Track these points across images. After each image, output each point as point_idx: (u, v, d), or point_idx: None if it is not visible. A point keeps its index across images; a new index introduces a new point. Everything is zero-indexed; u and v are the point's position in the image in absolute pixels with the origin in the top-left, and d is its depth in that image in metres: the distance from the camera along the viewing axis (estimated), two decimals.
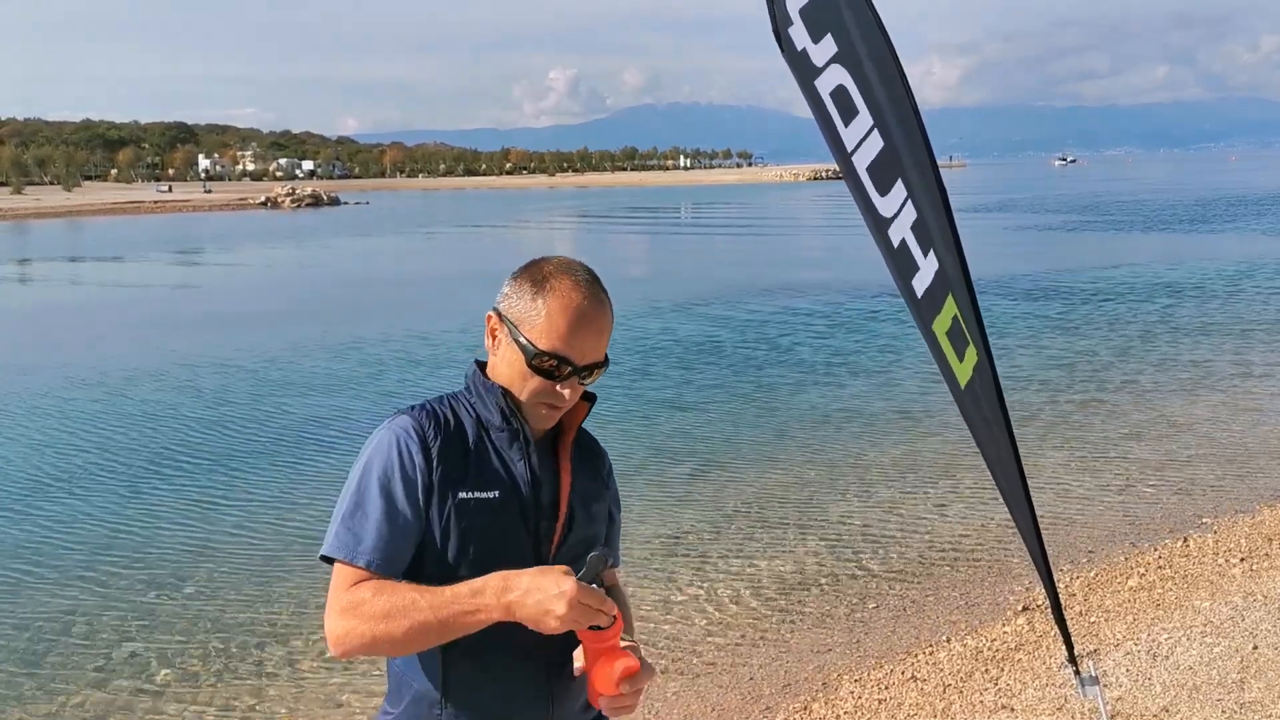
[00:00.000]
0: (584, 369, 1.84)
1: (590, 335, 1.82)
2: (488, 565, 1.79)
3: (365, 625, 1.70)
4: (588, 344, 1.82)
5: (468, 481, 1.82)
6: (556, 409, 1.87)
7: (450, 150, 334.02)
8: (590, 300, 1.83)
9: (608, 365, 1.89)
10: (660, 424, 11.26)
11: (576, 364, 1.82)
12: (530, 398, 1.85)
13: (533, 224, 64.07)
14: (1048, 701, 4.81)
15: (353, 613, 1.71)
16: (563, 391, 1.83)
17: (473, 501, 1.81)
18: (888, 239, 2.84)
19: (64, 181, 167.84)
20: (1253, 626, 5.46)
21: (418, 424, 1.84)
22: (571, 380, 1.83)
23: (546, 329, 1.81)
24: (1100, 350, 14.81)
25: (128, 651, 6.10)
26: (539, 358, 1.81)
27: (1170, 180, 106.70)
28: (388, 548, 1.78)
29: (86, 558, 7.67)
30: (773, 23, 2.73)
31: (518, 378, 1.85)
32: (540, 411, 1.87)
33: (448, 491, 1.81)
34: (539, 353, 1.81)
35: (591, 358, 1.84)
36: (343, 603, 1.74)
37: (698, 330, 17.89)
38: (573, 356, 1.82)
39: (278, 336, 18.09)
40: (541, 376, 1.83)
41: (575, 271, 1.86)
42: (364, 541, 1.77)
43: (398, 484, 1.79)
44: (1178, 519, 7.68)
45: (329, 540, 1.81)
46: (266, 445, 10.79)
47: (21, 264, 39.89)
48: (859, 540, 7.53)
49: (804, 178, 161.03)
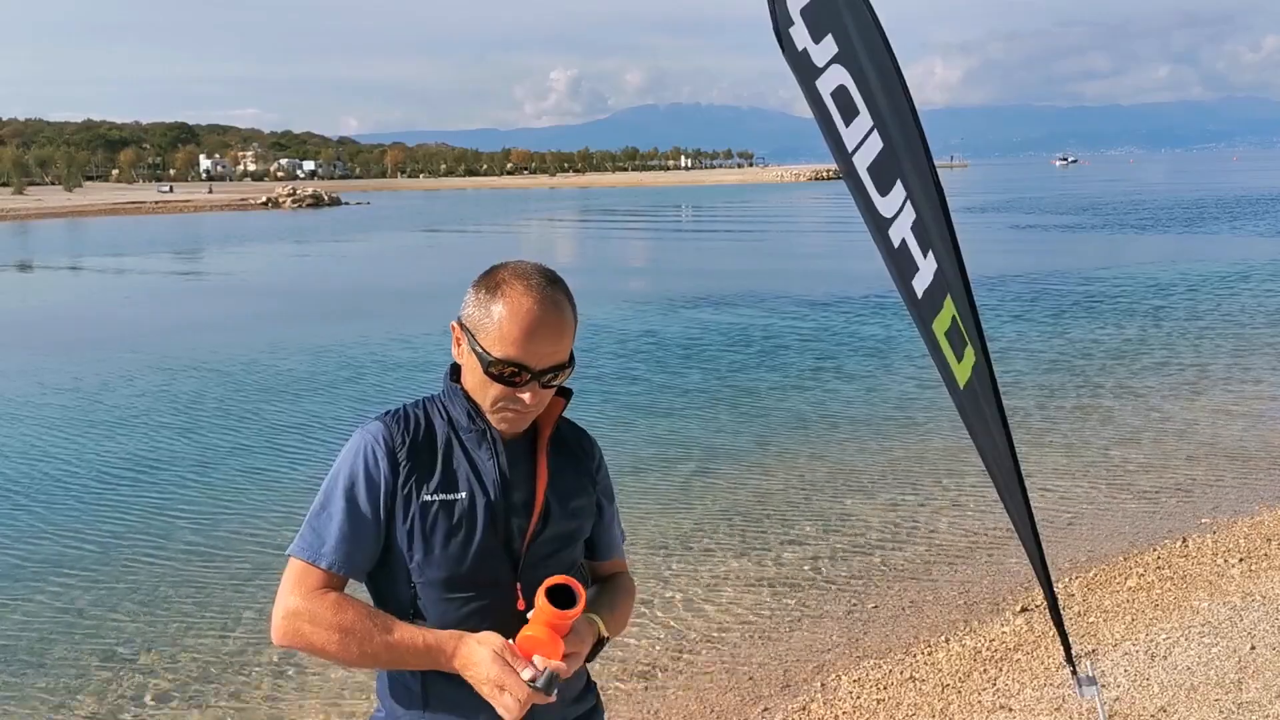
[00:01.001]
0: (542, 373, 1.84)
1: (545, 340, 1.82)
2: (458, 563, 1.84)
3: (317, 634, 1.79)
4: (543, 348, 1.82)
5: (434, 484, 1.85)
6: (522, 414, 1.87)
7: (451, 150, 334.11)
8: (543, 305, 1.82)
9: (573, 365, 1.89)
10: (657, 424, 11.26)
11: (533, 369, 1.82)
12: (492, 404, 1.87)
13: (534, 224, 64.05)
14: (1046, 702, 4.82)
15: (307, 618, 1.79)
16: (522, 397, 1.84)
17: (438, 503, 1.85)
18: (888, 239, 2.86)
19: (66, 182, 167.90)
20: (1251, 627, 5.46)
21: (387, 430, 1.88)
22: (531, 385, 1.83)
23: (499, 336, 1.81)
24: (1099, 351, 14.81)
25: (127, 652, 6.11)
26: (494, 365, 1.82)
27: (1172, 181, 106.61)
28: (349, 550, 1.84)
29: (86, 558, 7.68)
30: (774, 23, 2.74)
31: (479, 385, 1.87)
32: (505, 416, 1.87)
33: (413, 495, 1.84)
34: (493, 360, 1.82)
35: (549, 361, 1.84)
36: (298, 604, 1.81)
37: (698, 330, 17.89)
38: (528, 362, 1.81)
39: (280, 336, 18.11)
40: (500, 384, 1.84)
41: (528, 276, 1.84)
42: (326, 543, 1.84)
43: (361, 488, 1.84)
44: (1176, 519, 7.69)
45: (296, 539, 1.87)
46: (267, 445, 10.80)
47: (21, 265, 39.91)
48: (858, 540, 7.54)
49: (805, 178, 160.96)
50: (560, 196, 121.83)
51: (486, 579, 1.86)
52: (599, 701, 2.10)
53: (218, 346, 17.02)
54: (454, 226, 59.68)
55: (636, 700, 5.31)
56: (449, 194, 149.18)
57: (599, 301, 20.90)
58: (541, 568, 1.89)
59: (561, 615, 1.75)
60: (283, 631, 1.81)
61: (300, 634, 1.80)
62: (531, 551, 1.90)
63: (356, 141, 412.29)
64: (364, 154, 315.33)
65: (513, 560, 1.88)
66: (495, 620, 1.84)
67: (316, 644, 1.79)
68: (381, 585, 1.91)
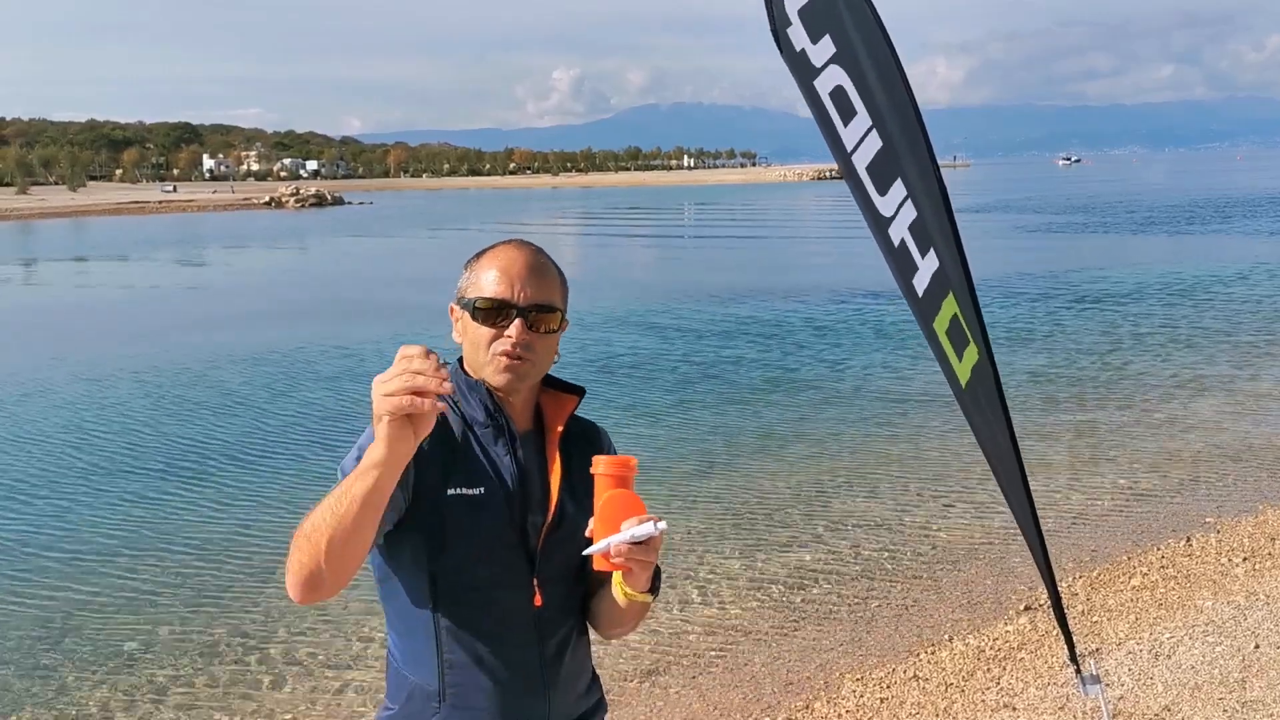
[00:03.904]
0: (527, 310, 1.85)
1: (526, 276, 1.87)
2: (475, 559, 1.82)
3: (294, 556, 1.65)
4: (526, 285, 1.86)
5: (455, 478, 1.84)
6: (519, 360, 1.85)
7: (454, 150, 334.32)
8: (521, 250, 1.91)
9: (563, 317, 1.91)
10: (662, 424, 11.27)
11: (517, 304, 1.85)
12: (489, 356, 1.86)
13: (536, 224, 64.06)
14: (1050, 700, 4.82)
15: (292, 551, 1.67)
16: (509, 334, 1.84)
17: (460, 497, 1.83)
18: (888, 238, 2.85)
19: (69, 182, 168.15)
20: (1255, 626, 5.46)
21: None
22: (518, 322, 1.84)
23: (481, 283, 1.88)
24: (1102, 349, 14.80)
25: (129, 651, 6.12)
26: (480, 305, 1.86)
27: (1175, 181, 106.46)
28: None
29: (86, 558, 7.69)
30: (771, 23, 2.74)
31: (472, 343, 1.89)
32: (501, 363, 1.85)
33: (436, 487, 1.83)
34: (478, 301, 1.86)
35: (533, 299, 1.86)
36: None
37: (700, 329, 17.90)
38: (511, 298, 1.85)
39: (285, 335, 18.13)
40: (488, 326, 1.85)
41: (510, 240, 1.95)
42: None
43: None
44: (1181, 518, 7.68)
45: None
46: (266, 444, 10.82)
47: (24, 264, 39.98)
48: (861, 539, 7.54)
49: (807, 177, 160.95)
50: (563, 196, 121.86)
51: (504, 573, 1.86)
52: (603, 696, 2.10)
53: (218, 346, 17.03)
54: (457, 226, 59.71)
55: (640, 699, 5.31)
56: (452, 194, 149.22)
57: (600, 301, 20.92)
58: (557, 562, 1.89)
59: (623, 462, 1.75)
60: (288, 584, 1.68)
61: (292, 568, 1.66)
62: (547, 546, 1.89)
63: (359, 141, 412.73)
64: (367, 154, 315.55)
65: (529, 555, 1.88)
66: (512, 615, 1.84)
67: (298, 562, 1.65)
68: (397, 580, 1.89)
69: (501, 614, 1.85)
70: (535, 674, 1.91)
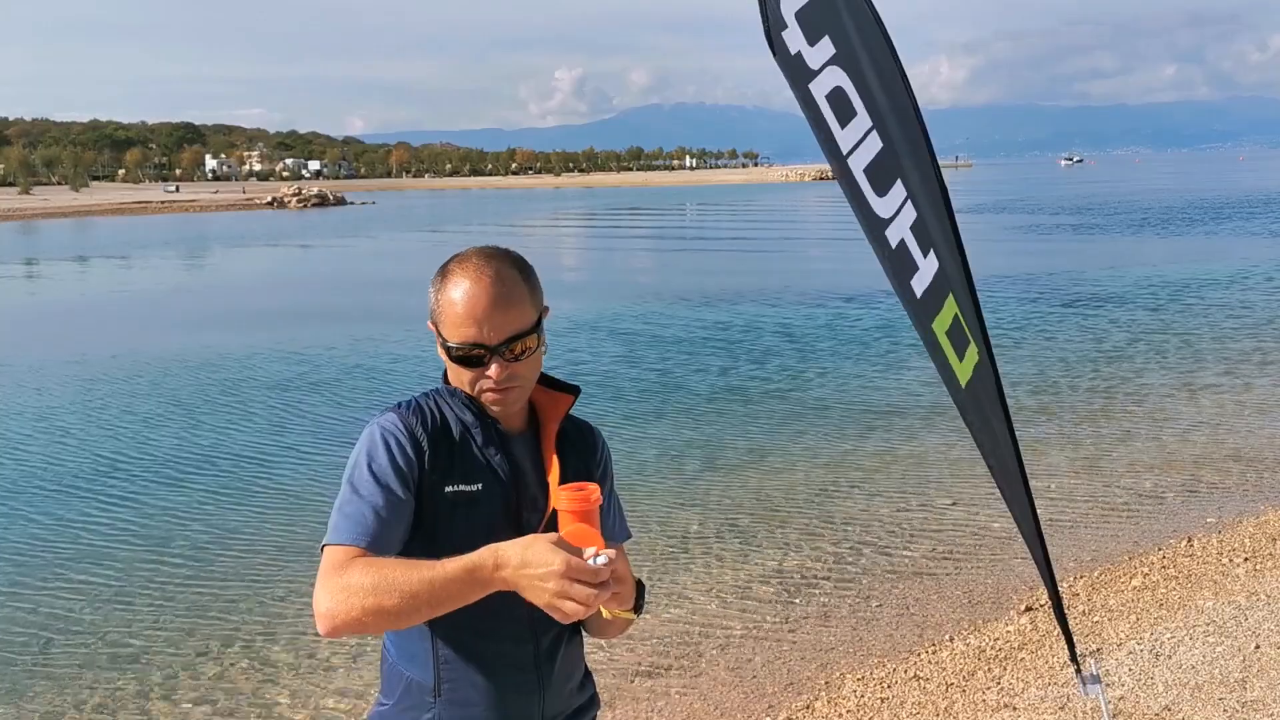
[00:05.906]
0: (500, 347, 1.82)
1: (494, 312, 1.81)
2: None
3: (354, 599, 1.66)
4: (494, 321, 1.81)
5: (454, 475, 1.85)
6: (503, 391, 1.86)
7: (456, 150, 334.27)
8: (483, 279, 1.81)
9: (540, 334, 1.87)
10: (663, 423, 11.27)
11: (489, 345, 1.82)
12: (475, 391, 1.87)
13: (537, 223, 64.06)
14: (1050, 701, 4.82)
15: (342, 590, 1.67)
16: (489, 375, 1.83)
17: (459, 494, 1.84)
18: (884, 240, 2.85)
19: (72, 182, 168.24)
20: (1256, 626, 5.46)
21: (404, 419, 1.86)
22: (495, 361, 1.83)
23: (450, 321, 1.83)
24: (1103, 349, 14.79)
25: (129, 649, 6.13)
26: (456, 351, 1.84)
27: (1178, 181, 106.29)
28: (383, 531, 1.77)
29: (86, 556, 7.70)
30: (765, 26, 2.74)
31: (455, 376, 1.89)
32: (490, 397, 1.87)
33: (436, 484, 1.84)
34: (453, 347, 1.84)
35: (505, 333, 1.82)
36: (331, 581, 1.70)
37: (700, 329, 17.90)
38: (483, 340, 1.81)
39: (285, 335, 18.15)
40: (465, 367, 1.85)
41: (467, 259, 1.85)
42: (359, 526, 1.77)
43: (390, 471, 1.80)
44: (1181, 519, 7.68)
45: (328, 531, 1.82)
46: (266, 444, 10.83)
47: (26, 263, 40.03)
48: (862, 539, 7.54)
49: (809, 178, 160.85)
50: (565, 196, 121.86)
51: None
52: (596, 693, 2.12)
53: (218, 346, 17.05)
54: (459, 226, 59.70)
55: (640, 699, 5.31)
56: (454, 194, 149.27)
57: (601, 300, 20.92)
58: None
59: (582, 494, 1.69)
60: (324, 614, 1.68)
61: (340, 609, 1.67)
62: None
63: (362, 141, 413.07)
64: (369, 154, 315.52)
65: None
66: (506, 612, 1.85)
67: (358, 609, 1.66)
68: None
69: (496, 611, 1.85)
70: (529, 670, 1.92)
